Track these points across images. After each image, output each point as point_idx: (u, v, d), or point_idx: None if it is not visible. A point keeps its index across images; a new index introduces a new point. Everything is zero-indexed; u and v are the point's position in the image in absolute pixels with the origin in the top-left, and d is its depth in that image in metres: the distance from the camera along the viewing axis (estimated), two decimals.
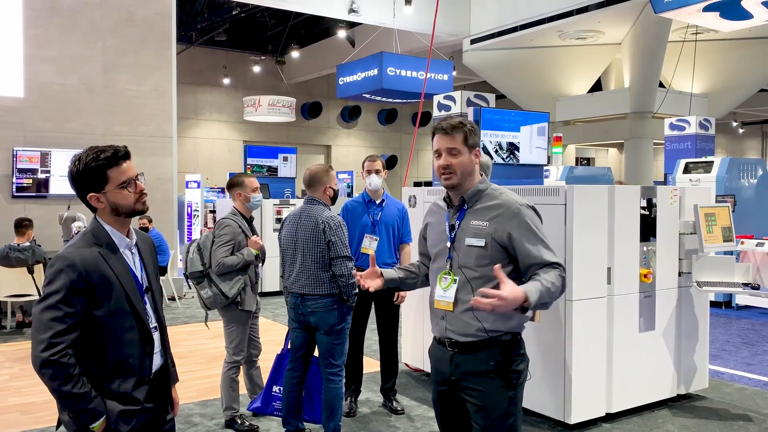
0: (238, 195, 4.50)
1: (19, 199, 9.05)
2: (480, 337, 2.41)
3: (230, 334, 4.44)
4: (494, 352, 2.41)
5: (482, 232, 2.43)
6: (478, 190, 2.51)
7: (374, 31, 16.58)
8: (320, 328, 3.93)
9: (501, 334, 2.42)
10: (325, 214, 3.96)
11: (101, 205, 2.14)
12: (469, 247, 2.44)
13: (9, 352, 6.68)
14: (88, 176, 2.10)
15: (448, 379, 2.51)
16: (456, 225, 2.50)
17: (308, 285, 3.92)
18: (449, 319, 2.47)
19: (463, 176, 2.48)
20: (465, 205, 2.51)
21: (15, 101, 9.09)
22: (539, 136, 5.92)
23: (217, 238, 4.31)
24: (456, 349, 2.46)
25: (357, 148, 25.73)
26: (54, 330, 1.96)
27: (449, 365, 2.49)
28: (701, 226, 4.79)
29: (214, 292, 4.27)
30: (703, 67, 16.48)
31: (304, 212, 4.02)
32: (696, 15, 10.25)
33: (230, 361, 4.43)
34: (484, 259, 2.42)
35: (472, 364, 2.43)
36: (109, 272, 2.08)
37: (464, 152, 2.47)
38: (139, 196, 2.18)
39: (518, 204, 2.44)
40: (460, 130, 2.46)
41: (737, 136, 31.57)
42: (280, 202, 10.10)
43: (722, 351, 6.70)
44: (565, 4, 13.86)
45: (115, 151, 2.13)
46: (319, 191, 4.06)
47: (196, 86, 22.12)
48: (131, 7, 9.84)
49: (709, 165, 9.74)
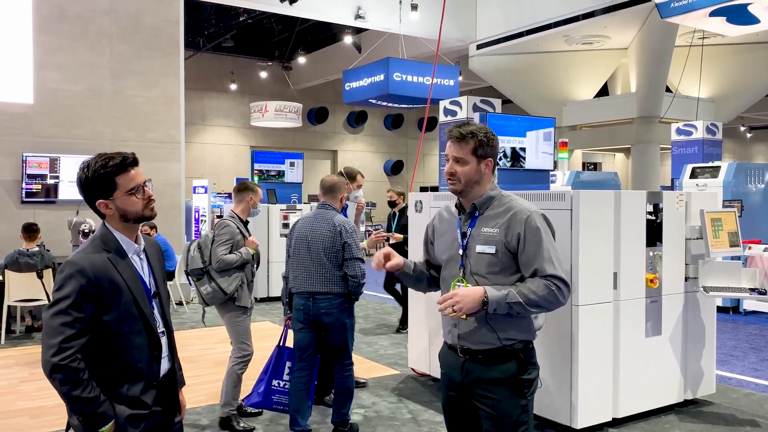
0: (249, 199, 4.71)
1: (28, 205, 9.11)
2: (493, 346, 2.42)
3: (234, 330, 4.59)
4: (507, 361, 2.42)
5: (493, 239, 2.43)
6: (490, 197, 2.50)
7: (380, 37, 16.63)
8: (334, 326, 4.14)
9: (514, 342, 2.42)
10: (340, 218, 4.24)
11: (110, 212, 2.16)
12: (480, 254, 2.44)
13: (18, 356, 6.73)
14: (96, 183, 2.13)
15: (458, 384, 2.51)
16: (468, 232, 2.50)
17: (321, 284, 4.11)
18: (462, 327, 2.47)
19: (467, 185, 2.48)
20: (476, 212, 2.51)
21: (24, 107, 9.17)
22: (545, 141, 5.92)
23: (217, 237, 4.53)
24: (468, 356, 2.46)
25: (363, 153, 25.77)
26: (64, 335, 1.99)
27: (460, 372, 2.49)
28: (707, 231, 4.79)
29: (214, 288, 4.47)
30: (710, 72, 16.44)
31: (318, 215, 4.25)
32: (702, 20, 10.23)
33: (239, 356, 4.56)
34: (495, 266, 2.41)
35: (485, 372, 2.43)
36: (118, 278, 2.10)
37: (471, 162, 2.46)
38: (147, 203, 2.20)
39: (528, 211, 2.43)
40: (471, 139, 2.45)
41: (745, 141, 31.45)
42: (287, 207, 10.12)
43: (730, 356, 6.68)
44: (571, 9, 13.87)
45: (124, 158, 2.16)
46: (336, 199, 4.34)
47: (204, 92, 22.22)
48: (139, 14, 9.91)
49: (716, 170, 9.71)
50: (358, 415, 4.82)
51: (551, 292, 2.34)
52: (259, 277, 9.82)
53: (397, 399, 5.24)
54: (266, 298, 9.90)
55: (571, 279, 4.30)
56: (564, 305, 2.44)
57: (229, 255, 4.47)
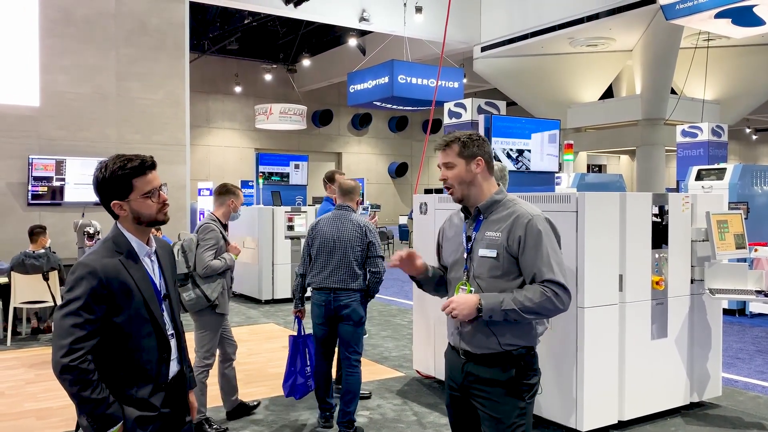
0: (230, 203, 4.61)
1: (34, 207, 9.15)
2: (494, 350, 2.43)
3: (203, 338, 4.49)
4: (507, 365, 2.43)
5: (495, 243, 2.44)
6: (494, 201, 2.52)
7: (385, 39, 16.66)
8: (351, 319, 4.39)
9: (515, 348, 2.43)
10: (363, 219, 4.56)
11: (124, 213, 2.18)
12: (483, 257, 2.45)
13: (24, 358, 6.75)
14: (113, 184, 2.14)
15: (460, 385, 2.54)
16: (473, 236, 2.52)
17: (345, 280, 4.39)
18: (464, 330, 2.49)
19: (462, 187, 2.51)
20: (481, 215, 2.53)
21: (31, 110, 9.21)
22: (550, 143, 5.92)
23: (202, 242, 4.40)
24: (468, 358, 2.49)
25: (368, 156, 25.80)
26: (74, 336, 2.00)
27: (461, 373, 2.52)
28: (713, 234, 4.78)
29: (197, 295, 4.37)
30: (716, 74, 16.42)
31: (342, 216, 4.52)
32: (708, 22, 10.23)
33: (201, 366, 4.47)
34: (497, 270, 2.43)
35: (484, 374, 2.45)
36: (129, 280, 2.11)
37: (459, 164, 2.51)
38: (161, 207, 2.22)
39: (531, 214, 2.44)
40: (454, 143, 2.52)
41: (750, 143, 31.37)
42: (292, 209, 10.13)
43: (736, 359, 6.66)
44: (576, 11, 13.87)
45: (143, 161, 2.18)
46: (353, 201, 4.64)
47: (208, 94, 22.29)
48: (145, 17, 9.96)
49: (721, 172, 9.69)
50: (363, 417, 4.83)
51: (548, 299, 2.34)
52: (263, 279, 9.84)
53: (402, 401, 5.24)
54: (271, 300, 9.91)
55: (577, 281, 4.30)
56: (565, 311, 2.43)
57: (216, 261, 4.37)
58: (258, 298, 10.04)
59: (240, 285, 10.72)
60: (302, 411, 4.97)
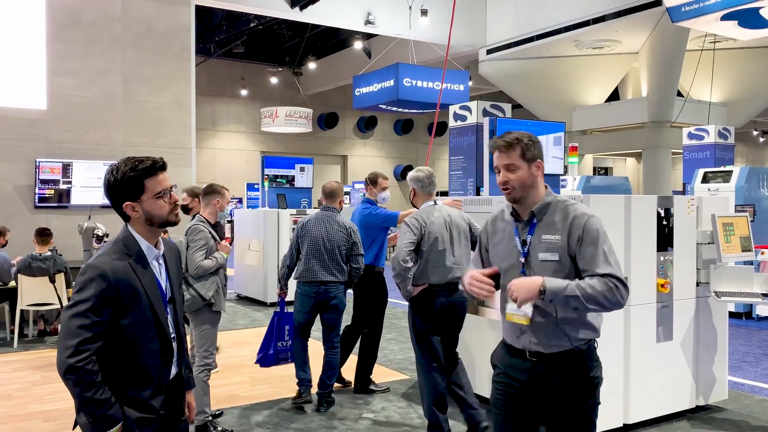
0: (216, 202, 4.65)
1: (41, 210, 9.20)
2: (565, 348, 2.45)
3: (203, 336, 4.50)
4: (575, 362, 2.45)
5: (555, 246, 2.44)
6: (546, 203, 2.52)
7: (390, 42, 16.68)
8: (337, 308, 5.00)
9: (583, 342, 2.47)
10: (347, 220, 5.05)
11: (136, 214, 2.19)
12: (544, 261, 2.45)
13: (30, 360, 6.78)
14: (125, 185, 2.16)
15: (523, 385, 2.50)
16: (528, 240, 2.50)
17: (334, 274, 4.95)
18: (532, 332, 2.47)
19: (523, 190, 2.50)
20: (534, 218, 2.52)
21: (38, 113, 9.27)
22: (555, 145, 5.92)
23: (192, 243, 4.44)
24: (536, 358, 2.48)
25: (373, 158, 25.81)
26: (81, 337, 2.02)
27: (527, 373, 2.48)
28: (719, 236, 4.76)
29: (192, 295, 4.40)
30: (722, 76, 16.36)
31: (329, 217, 5.03)
32: (714, 24, 10.20)
33: (202, 365, 4.46)
34: (560, 272, 2.43)
35: (554, 373, 2.45)
36: (137, 283, 2.13)
37: (522, 167, 2.49)
38: (172, 207, 2.23)
39: (587, 214, 2.46)
40: (517, 145, 2.50)
41: (757, 145, 31.24)
42: (297, 212, 10.15)
43: (742, 362, 6.63)
44: (582, 13, 13.85)
45: (153, 162, 2.20)
46: (336, 202, 5.13)
47: (214, 97, 22.35)
48: (151, 20, 10.00)
49: (728, 174, 9.65)
50: (367, 420, 4.83)
51: (610, 289, 2.35)
52: (269, 282, 9.85)
53: (407, 404, 5.24)
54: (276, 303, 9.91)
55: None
56: (622, 307, 2.45)
57: (207, 261, 4.40)
58: (263, 301, 10.05)
59: (245, 287, 10.73)
60: (307, 414, 4.97)
